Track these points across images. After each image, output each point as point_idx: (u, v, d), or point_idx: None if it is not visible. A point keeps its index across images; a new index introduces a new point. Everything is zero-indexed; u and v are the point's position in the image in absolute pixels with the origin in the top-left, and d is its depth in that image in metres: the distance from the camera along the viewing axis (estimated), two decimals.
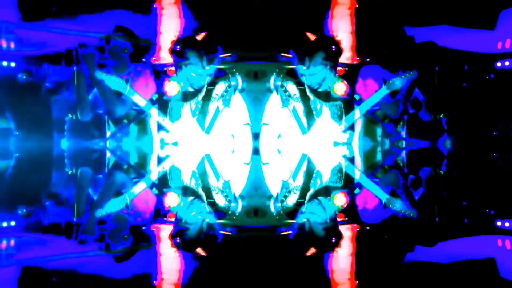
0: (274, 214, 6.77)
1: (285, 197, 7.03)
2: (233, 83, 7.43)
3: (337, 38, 7.21)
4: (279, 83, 7.44)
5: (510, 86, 7.26)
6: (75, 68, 7.23)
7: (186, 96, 7.43)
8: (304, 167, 7.46)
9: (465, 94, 7.33)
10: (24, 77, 7.08)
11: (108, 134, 7.48)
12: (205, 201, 6.97)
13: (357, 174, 7.27)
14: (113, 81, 7.20)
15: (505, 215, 6.39)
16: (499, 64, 7.13)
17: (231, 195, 7.10)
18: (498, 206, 6.56)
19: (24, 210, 6.58)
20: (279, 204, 6.92)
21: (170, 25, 7.12)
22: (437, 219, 6.52)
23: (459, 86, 7.33)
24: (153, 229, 6.41)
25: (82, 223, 6.45)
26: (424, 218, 6.46)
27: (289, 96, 7.47)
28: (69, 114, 7.32)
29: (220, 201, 7.00)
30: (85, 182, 7.16)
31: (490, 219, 6.37)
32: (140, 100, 7.25)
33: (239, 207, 6.90)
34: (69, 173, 7.29)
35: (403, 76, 7.20)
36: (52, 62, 7.18)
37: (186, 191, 7.21)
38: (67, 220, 6.51)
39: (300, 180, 7.24)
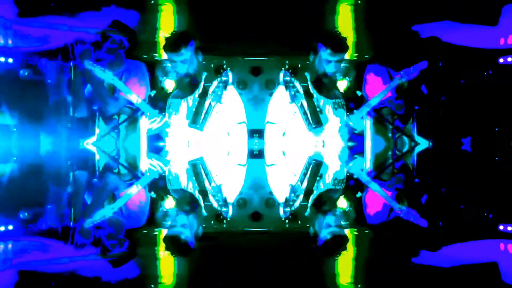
0: (283, 219, 6.75)
1: (293, 201, 6.99)
2: (224, 78, 7.32)
3: (342, 35, 7.11)
4: (287, 78, 7.33)
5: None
6: (71, 64, 7.12)
7: (184, 93, 7.34)
8: (310, 170, 7.40)
9: (467, 91, 7.22)
10: (26, 73, 6.99)
11: (98, 132, 7.33)
12: (202, 205, 6.95)
13: (365, 178, 7.21)
14: (106, 77, 7.09)
15: (507, 219, 6.39)
16: (501, 60, 7.02)
17: (221, 200, 7.07)
18: (500, 210, 6.51)
19: (26, 214, 6.53)
20: (288, 209, 6.89)
21: (165, 21, 7.01)
22: (440, 223, 6.48)
23: (462, 83, 7.22)
24: (150, 233, 6.46)
25: (78, 227, 6.41)
26: (429, 222, 6.42)
27: (298, 92, 7.35)
28: (64, 113, 7.21)
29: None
30: (81, 186, 7.13)
31: (492, 223, 6.34)
32: (134, 98, 7.14)
33: (229, 211, 6.90)
34: (64, 175, 7.22)
35: (411, 69, 7.08)
36: (50, 58, 7.06)
37: (184, 194, 7.16)
38: (64, 225, 6.49)
39: (305, 183, 7.22)
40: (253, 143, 7.25)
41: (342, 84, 7.28)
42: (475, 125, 7.14)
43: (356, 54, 7.22)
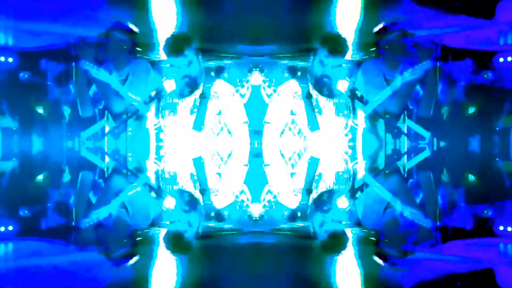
0: (253, 219, 6.85)
1: (269, 203, 7.02)
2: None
3: (342, 35, 7.09)
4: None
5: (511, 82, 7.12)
6: (73, 64, 7.10)
7: (183, 93, 7.32)
8: (305, 169, 7.32)
9: (465, 91, 7.19)
10: (26, 76, 6.99)
11: (103, 131, 7.31)
12: (202, 204, 6.94)
13: (365, 177, 7.23)
14: (102, 76, 7.08)
15: (506, 220, 6.37)
16: (501, 59, 6.98)
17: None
18: (499, 210, 6.49)
19: (26, 211, 6.54)
20: (262, 211, 6.95)
21: (167, 21, 7.00)
22: (438, 223, 6.48)
23: (461, 83, 7.20)
24: (151, 233, 6.52)
25: (81, 227, 6.45)
26: (426, 221, 6.47)
27: (274, 91, 7.32)
28: (68, 113, 7.19)
29: (218, 204, 6.98)
30: (85, 187, 7.11)
31: (491, 224, 6.32)
32: (134, 99, 7.14)
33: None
34: (67, 175, 7.21)
35: (416, 68, 7.06)
36: (51, 58, 7.05)
37: (183, 194, 7.15)
38: (67, 224, 6.50)
39: (301, 182, 7.17)
40: (253, 143, 7.23)
41: (343, 85, 7.26)
42: (476, 125, 7.12)
43: (355, 55, 7.18)
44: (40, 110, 7.10)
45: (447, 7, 6.54)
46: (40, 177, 7.00)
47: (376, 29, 6.93)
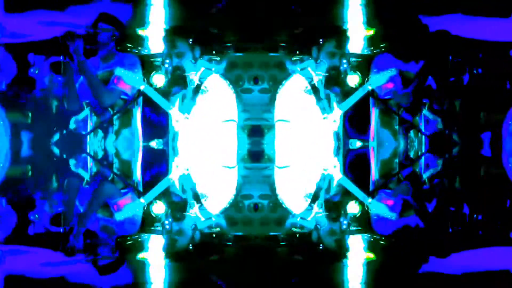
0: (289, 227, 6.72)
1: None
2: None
3: (344, 27, 6.95)
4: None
5: None
6: (61, 58, 6.98)
7: (175, 88, 7.16)
8: (316, 172, 7.11)
9: (479, 85, 7.04)
10: (37, 71, 6.88)
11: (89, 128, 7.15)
12: (197, 210, 6.79)
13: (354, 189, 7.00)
14: (131, 78, 6.98)
15: None
16: None
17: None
18: None
19: (37, 216, 6.45)
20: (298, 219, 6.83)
21: (160, 14, 6.83)
22: (450, 230, 6.42)
23: (472, 77, 7.06)
24: (141, 239, 6.46)
25: (69, 234, 6.37)
26: (438, 229, 6.41)
27: (275, 88, 7.11)
28: (55, 108, 7.07)
29: (212, 210, 6.84)
30: (72, 192, 6.90)
31: (505, 230, 6.24)
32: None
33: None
34: (55, 180, 7.05)
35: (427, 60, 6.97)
36: (38, 53, 6.93)
37: (176, 199, 6.96)
38: (54, 231, 6.41)
39: (312, 186, 7.00)
40: (254, 143, 7.03)
41: (354, 79, 7.09)
42: (485, 123, 6.92)
43: (366, 49, 7.09)
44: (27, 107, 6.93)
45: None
46: (23, 180, 6.81)
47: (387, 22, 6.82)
